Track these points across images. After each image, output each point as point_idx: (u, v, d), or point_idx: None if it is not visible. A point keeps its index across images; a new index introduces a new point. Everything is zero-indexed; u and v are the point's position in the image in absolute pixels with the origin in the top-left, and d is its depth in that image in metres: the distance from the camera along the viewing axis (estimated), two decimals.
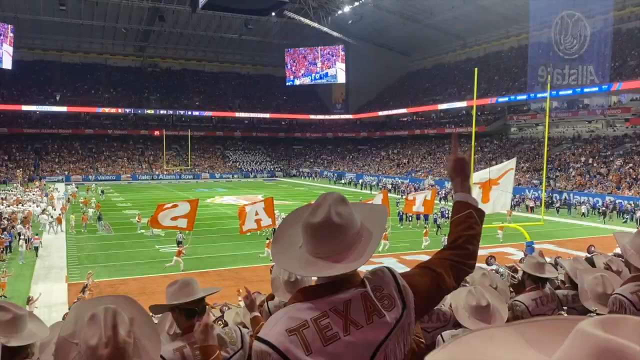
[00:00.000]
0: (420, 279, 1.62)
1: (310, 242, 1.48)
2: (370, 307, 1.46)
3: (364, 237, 1.51)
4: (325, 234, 1.46)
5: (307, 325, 1.38)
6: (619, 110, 46.08)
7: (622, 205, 34.72)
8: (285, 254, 1.53)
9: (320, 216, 1.46)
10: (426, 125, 67.92)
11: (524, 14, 43.57)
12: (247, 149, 76.02)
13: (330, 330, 1.38)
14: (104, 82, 72.30)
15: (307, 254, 1.48)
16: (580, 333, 0.54)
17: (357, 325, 1.42)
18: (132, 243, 25.29)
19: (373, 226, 1.55)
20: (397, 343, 1.45)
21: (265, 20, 62.94)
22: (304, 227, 1.49)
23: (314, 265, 1.45)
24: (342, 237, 1.46)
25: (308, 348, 1.35)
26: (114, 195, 47.03)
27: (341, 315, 1.42)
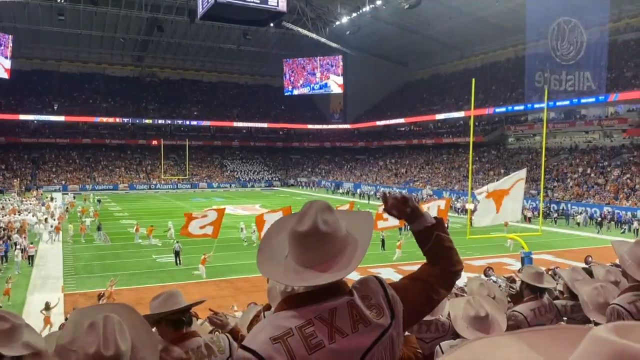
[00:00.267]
0: (409, 289, 1.61)
1: (297, 251, 1.45)
2: (357, 315, 1.44)
3: (350, 244, 1.48)
4: (311, 242, 1.43)
5: (291, 333, 1.36)
6: (616, 120, 46.29)
7: (620, 216, 34.77)
8: (270, 264, 1.50)
9: (306, 225, 1.43)
10: (424, 135, 68.13)
11: (520, 25, 43.80)
12: (245, 158, 76.09)
13: (315, 339, 1.36)
14: (102, 92, 72.42)
15: (294, 263, 1.45)
16: (595, 339, 0.54)
17: (343, 333, 1.40)
18: (128, 253, 25.19)
19: (359, 234, 1.52)
20: (383, 352, 1.44)
21: (264, 30, 63.21)
22: (291, 236, 1.46)
23: (300, 274, 1.42)
24: (328, 246, 1.44)
25: (292, 356, 1.33)
26: (111, 204, 46.92)
27: (326, 323, 1.40)
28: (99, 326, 1.50)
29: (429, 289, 1.62)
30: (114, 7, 56.53)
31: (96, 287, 18.70)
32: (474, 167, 50.21)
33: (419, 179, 57.93)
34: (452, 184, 52.26)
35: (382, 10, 55.63)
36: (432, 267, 1.68)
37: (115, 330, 1.50)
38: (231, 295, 17.48)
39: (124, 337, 1.51)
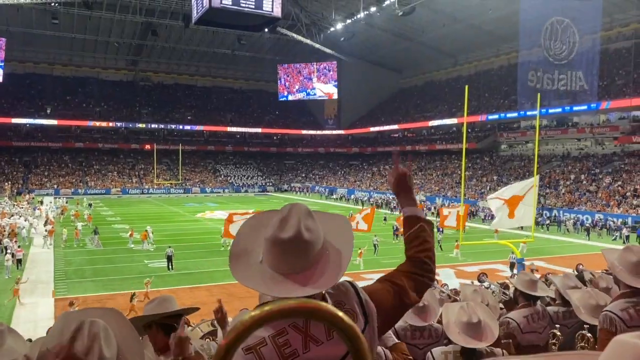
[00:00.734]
0: (383, 293, 1.60)
1: (275, 257, 1.38)
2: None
3: (329, 252, 1.44)
4: (292, 250, 1.37)
5: (264, 342, 1.33)
6: (608, 128, 46.65)
7: (611, 223, 34.98)
8: (245, 269, 1.43)
9: (290, 231, 1.37)
10: (417, 141, 68.35)
11: (513, 32, 44.06)
12: (239, 163, 75.97)
13: (289, 348, 1.34)
14: (96, 96, 72.16)
15: (270, 270, 1.39)
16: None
17: (317, 341, 1.37)
18: (120, 258, 25.05)
19: (338, 241, 1.48)
20: None
21: (258, 36, 63.33)
22: (270, 242, 1.38)
23: (279, 283, 1.37)
24: (309, 254, 1.39)
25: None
26: (104, 209, 46.68)
27: (300, 331, 1.37)
28: (85, 332, 1.48)
29: (400, 291, 1.62)
30: (108, 11, 56.46)
31: (87, 292, 18.58)
32: (467, 173, 50.37)
33: (413, 185, 57.96)
34: (445, 190, 52.40)
35: (376, 17, 55.87)
36: (407, 266, 1.69)
37: (100, 336, 1.46)
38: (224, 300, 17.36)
39: (109, 344, 1.46)
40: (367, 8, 53.81)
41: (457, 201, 44.38)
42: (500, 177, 50.68)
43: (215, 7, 32.03)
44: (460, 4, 49.68)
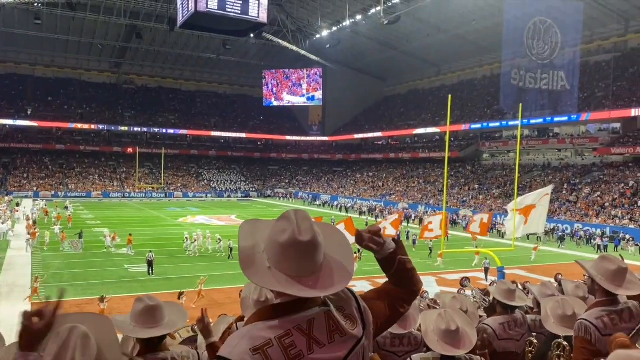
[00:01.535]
0: (377, 303, 1.66)
1: (290, 261, 1.42)
2: (333, 326, 1.47)
3: (329, 257, 1.49)
4: (310, 252, 1.42)
5: (271, 344, 1.37)
6: (587, 139, 47.48)
7: (590, 233, 35.49)
8: (259, 274, 1.44)
9: (308, 235, 1.42)
10: (401, 149, 68.77)
11: (497, 43, 44.70)
12: (222, 168, 75.62)
13: (295, 349, 1.38)
14: (78, 98, 71.41)
15: (282, 274, 1.42)
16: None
17: (320, 344, 1.42)
18: (100, 262, 24.72)
19: (336, 248, 1.53)
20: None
21: (244, 41, 63.19)
22: (288, 246, 1.41)
23: (295, 286, 1.41)
24: (320, 257, 1.45)
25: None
26: (84, 212, 46.07)
27: (305, 333, 1.42)
28: (62, 337, 1.46)
29: (395, 302, 1.69)
30: (92, 13, 55.88)
31: (66, 296, 18.25)
32: (449, 182, 50.83)
33: (396, 193, 58.31)
34: (427, 198, 52.73)
35: (362, 25, 56.23)
36: (396, 287, 1.74)
37: (77, 343, 1.44)
38: (206, 307, 17.24)
39: (86, 351, 1.44)
40: (353, 16, 54.13)
41: (439, 209, 44.66)
42: (481, 186, 51.19)
43: (201, 12, 31.98)
44: (445, 14, 50.24)
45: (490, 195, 48.41)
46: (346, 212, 51.52)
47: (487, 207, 44.88)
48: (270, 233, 1.47)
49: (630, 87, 45.95)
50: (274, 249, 1.43)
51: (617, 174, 42.38)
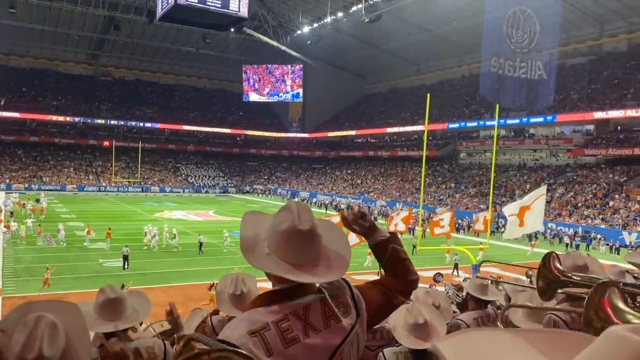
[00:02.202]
0: (371, 292, 1.70)
1: (290, 249, 1.48)
2: (328, 312, 1.52)
3: (326, 248, 1.56)
4: (309, 241, 1.49)
5: (268, 327, 1.42)
6: (562, 140, 48.38)
7: (561, 232, 36.18)
8: (260, 260, 1.50)
9: (308, 224, 1.48)
10: (380, 147, 69.10)
11: (476, 43, 45.22)
12: (200, 163, 74.99)
13: (291, 333, 1.43)
14: (53, 89, 70.05)
15: (281, 261, 1.48)
16: (618, 337, 0.53)
17: (316, 329, 1.47)
18: (74, 256, 24.36)
19: (332, 239, 1.60)
20: (351, 348, 1.53)
21: (224, 35, 62.77)
22: (288, 234, 1.47)
23: (295, 273, 1.46)
24: (319, 246, 1.52)
25: (269, 350, 1.38)
26: (58, 206, 45.29)
27: (301, 319, 1.47)
28: (29, 327, 1.43)
29: (389, 293, 1.73)
30: (69, 3, 54.85)
31: (38, 291, 17.98)
32: (427, 180, 51.22)
33: (374, 190, 58.61)
34: (405, 196, 53.13)
35: (343, 23, 56.28)
36: (391, 277, 1.79)
37: (44, 332, 1.40)
38: (180, 302, 17.13)
39: (54, 341, 1.41)
40: (334, 13, 54.15)
41: (416, 207, 45.03)
42: (458, 185, 51.77)
43: (180, 4, 31.64)
44: (426, 14, 50.59)
45: (467, 193, 49.00)
46: (325, 210, 51.61)
47: (464, 206, 45.43)
48: (272, 223, 1.54)
49: (604, 90, 46.90)
50: (275, 237, 1.49)
51: (590, 175, 43.28)
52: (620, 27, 48.54)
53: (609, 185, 40.45)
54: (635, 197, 37.37)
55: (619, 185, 40.07)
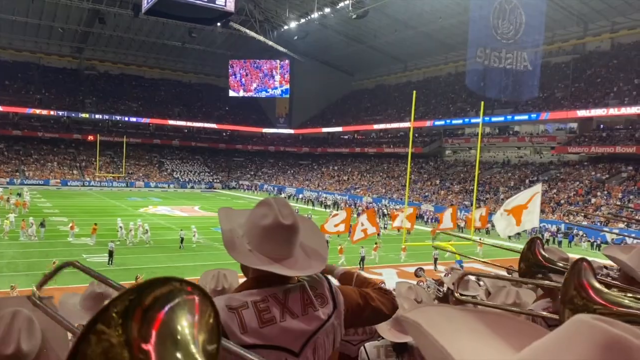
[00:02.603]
0: (351, 292, 1.77)
1: (271, 243, 1.51)
2: (307, 299, 1.57)
3: (303, 243, 1.61)
4: (291, 235, 1.53)
5: (246, 306, 1.46)
6: (546, 138, 48.90)
7: (543, 229, 36.62)
8: (244, 255, 1.54)
9: (290, 219, 1.52)
10: (366, 144, 69.25)
11: (462, 41, 45.53)
12: (185, 158, 74.53)
13: (268, 314, 1.47)
14: (37, 83, 69.08)
15: (262, 255, 1.51)
16: (586, 324, 0.53)
17: (293, 314, 1.52)
18: (57, 251, 24.10)
19: (310, 233, 1.67)
20: (326, 338, 1.57)
21: (210, 30, 62.38)
22: (271, 228, 1.51)
23: (275, 266, 1.50)
24: (298, 241, 1.57)
25: (244, 327, 1.43)
26: (41, 200, 44.77)
27: (280, 302, 1.51)
28: (5, 321, 1.41)
29: (367, 296, 1.78)
30: None
31: (20, 286, 17.77)
32: (413, 177, 51.51)
33: (360, 187, 58.76)
34: (391, 193, 53.36)
35: (330, 18, 56.22)
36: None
37: (21, 327, 1.40)
38: None
39: (31, 336, 1.41)
40: (321, 9, 54.06)
41: (402, 203, 45.26)
42: (443, 182, 52.10)
43: None
44: (412, 11, 50.72)
45: (452, 190, 49.35)
46: (313, 206, 51.70)
47: (448, 202, 45.75)
48: (250, 218, 1.57)
49: (587, 89, 47.47)
50: (257, 232, 1.52)
51: (573, 172, 43.83)
52: (604, 26, 49.14)
53: (591, 182, 41.01)
54: (616, 194, 37.95)
55: (601, 182, 40.64)
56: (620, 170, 41.04)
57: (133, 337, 0.56)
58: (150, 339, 0.57)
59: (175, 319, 0.60)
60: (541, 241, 2.38)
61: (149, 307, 0.59)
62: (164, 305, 0.60)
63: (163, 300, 0.60)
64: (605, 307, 1.36)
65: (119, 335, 0.56)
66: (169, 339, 0.58)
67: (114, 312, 0.56)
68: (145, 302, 0.59)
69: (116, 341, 0.55)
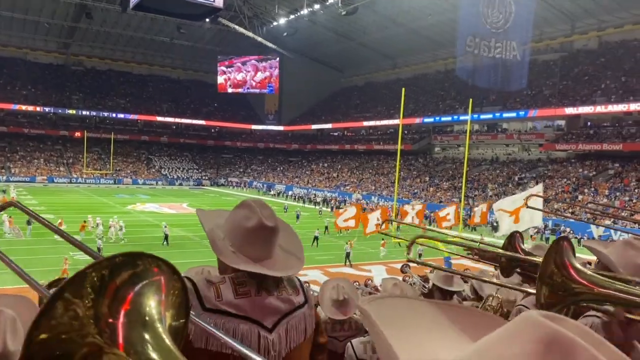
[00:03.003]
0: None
1: (253, 244, 1.55)
2: (282, 285, 1.63)
3: (281, 245, 1.65)
4: (271, 237, 1.58)
5: (224, 281, 1.54)
6: (534, 135, 49.23)
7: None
8: (230, 256, 1.56)
9: (271, 220, 1.57)
10: (356, 140, 69.31)
11: (451, 39, 45.68)
12: (174, 155, 74.09)
13: (244, 288, 1.53)
14: (23, 78, 68.22)
15: (243, 256, 1.55)
16: (531, 321, 0.55)
17: (269, 292, 1.58)
18: (44, 249, 23.88)
19: (287, 235, 1.70)
20: (298, 324, 1.61)
21: (199, 25, 62.00)
22: (253, 230, 1.54)
23: (256, 267, 1.54)
24: (277, 242, 1.61)
25: (219, 296, 1.50)
26: (27, 197, 44.31)
27: (257, 281, 1.57)
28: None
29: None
30: None
31: (4, 284, 17.58)
32: (402, 174, 51.64)
33: (350, 183, 58.82)
34: (380, 189, 53.47)
35: (319, 15, 56.12)
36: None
37: (6, 326, 1.37)
38: None
39: (16, 336, 1.38)
40: (311, 5, 53.95)
41: (391, 200, 45.36)
42: (432, 179, 52.30)
43: None
44: (402, 8, 50.74)
45: (441, 187, 49.54)
46: (303, 203, 51.67)
47: (437, 199, 45.94)
48: (232, 220, 1.61)
49: (574, 87, 47.83)
50: (240, 234, 1.56)
51: (561, 169, 44.18)
52: (591, 24, 49.51)
53: (578, 179, 41.36)
54: (603, 191, 38.31)
55: (588, 179, 41.01)
56: (607, 167, 41.43)
57: (102, 312, 0.56)
58: (118, 315, 0.58)
59: (144, 296, 0.62)
60: (520, 235, 2.38)
61: (121, 285, 0.60)
62: (136, 284, 0.62)
63: (134, 278, 0.62)
64: (585, 287, 1.35)
65: (87, 308, 0.56)
66: (137, 315, 0.59)
67: (87, 285, 0.57)
68: (117, 279, 0.60)
69: (83, 313, 0.56)
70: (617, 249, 1.97)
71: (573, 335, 0.51)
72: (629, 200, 35.77)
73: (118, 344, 0.56)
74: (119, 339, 0.57)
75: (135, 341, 0.58)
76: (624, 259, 1.90)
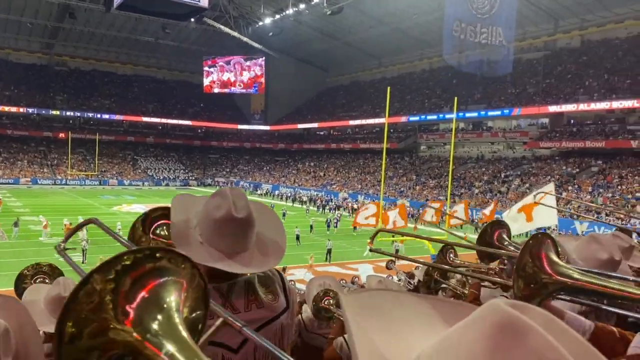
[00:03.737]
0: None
1: (224, 237, 1.40)
2: (252, 296, 1.50)
3: (262, 236, 1.50)
4: (244, 229, 1.42)
5: None
6: (518, 133, 49.75)
7: None
8: (192, 250, 1.39)
9: (243, 212, 1.41)
10: (342, 140, 69.45)
11: (436, 38, 45.94)
12: (160, 155, 73.64)
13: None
14: (5, 79, 67.32)
15: (215, 250, 1.40)
16: (491, 306, 0.56)
17: (236, 309, 1.45)
18: (29, 251, 23.63)
19: (269, 228, 1.54)
20: (273, 337, 1.49)
21: (184, 25, 61.69)
22: (222, 222, 1.39)
23: (227, 262, 1.39)
24: (253, 234, 1.45)
25: None
26: (11, 200, 43.80)
27: (223, 296, 1.45)
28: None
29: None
30: None
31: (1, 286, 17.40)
32: (388, 172, 51.86)
33: (336, 182, 58.93)
34: (367, 188, 53.65)
35: (305, 15, 56.11)
36: None
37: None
38: None
39: (8, 344, 1.38)
40: (296, 5, 53.94)
41: (377, 199, 45.51)
42: (418, 177, 52.59)
43: None
44: (387, 7, 50.93)
45: (427, 185, 49.86)
46: (292, 202, 51.66)
47: (424, 198, 46.23)
48: (204, 209, 1.46)
49: (557, 85, 48.39)
50: (208, 224, 1.41)
51: (545, 167, 44.68)
52: (574, 23, 50.13)
53: (562, 177, 41.86)
54: (586, 188, 38.82)
55: (571, 177, 41.52)
56: (590, 165, 41.98)
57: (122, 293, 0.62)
58: (136, 297, 0.63)
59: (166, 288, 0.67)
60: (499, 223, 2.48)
61: (145, 274, 0.65)
62: (162, 276, 0.67)
63: (161, 271, 0.68)
64: (551, 277, 1.41)
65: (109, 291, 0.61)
66: (155, 301, 0.64)
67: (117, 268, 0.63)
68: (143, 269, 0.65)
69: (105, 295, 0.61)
70: (582, 242, 2.07)
71: (529, 321, 0.52)
72: (612, 197, 36.31)
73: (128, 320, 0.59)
74: (129, 316, 0.60)
75: (148, 325, 0.62)
76: (586, 252, 2.00)
